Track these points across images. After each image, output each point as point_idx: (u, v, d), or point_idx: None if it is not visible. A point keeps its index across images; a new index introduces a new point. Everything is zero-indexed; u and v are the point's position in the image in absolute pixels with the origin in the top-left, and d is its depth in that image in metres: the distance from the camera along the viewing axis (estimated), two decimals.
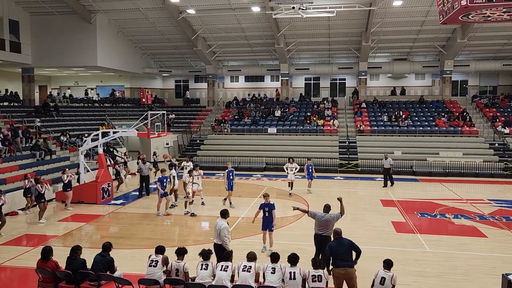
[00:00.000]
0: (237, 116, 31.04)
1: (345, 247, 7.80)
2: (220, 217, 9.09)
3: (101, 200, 16.60)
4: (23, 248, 11.35)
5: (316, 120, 29.25)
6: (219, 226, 8.86)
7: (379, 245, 11.29)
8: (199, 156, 26.29)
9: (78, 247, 8.07)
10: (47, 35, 26.97)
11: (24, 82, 28.78)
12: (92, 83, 36.57)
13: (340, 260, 7.66)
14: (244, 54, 33.45)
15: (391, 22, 27.02)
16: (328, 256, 7.86)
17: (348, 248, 7.81)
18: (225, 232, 8.80)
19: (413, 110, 30.25)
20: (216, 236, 8.89)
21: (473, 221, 14.07)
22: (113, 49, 29.04)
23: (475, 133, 26.78)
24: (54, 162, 20.36)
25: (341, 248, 7.78)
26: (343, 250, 7.75)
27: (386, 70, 32.85)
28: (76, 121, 27.87)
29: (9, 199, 14.54)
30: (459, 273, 9.62)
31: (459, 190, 19.47)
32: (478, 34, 27.66)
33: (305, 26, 27.98)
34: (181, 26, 27.78)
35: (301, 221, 14.18)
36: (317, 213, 9.58)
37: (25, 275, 9.42)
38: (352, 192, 19.66)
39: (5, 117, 22.56)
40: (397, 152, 25.05)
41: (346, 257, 7.71)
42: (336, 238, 8.08)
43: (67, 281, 7.76)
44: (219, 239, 8.83)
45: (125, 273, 8.15)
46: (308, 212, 9.79)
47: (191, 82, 37.80)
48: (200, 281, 7.43)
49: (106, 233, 13.17)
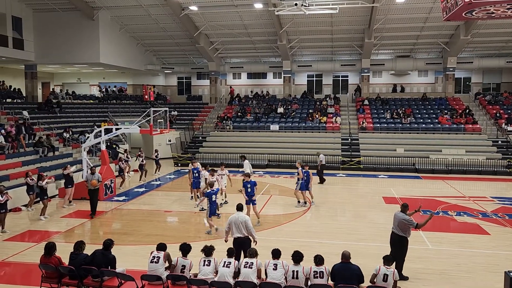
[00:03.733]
0: (240, 113, 31.03)
1: (350, 273, 7.14)
2: (237, 211, 9.22)
3: (104, 196, 16.65)
4: (27, 244, 11.42)
5: (319, 117, 29.22)
6: (242, 219, 8.96)
7: (381, 242, 11.26)
8: (202, 153, 26.31)
9: (81, 243, 8.10)
10: (50, 32, 27.00)
11: (27, 79, 28.84)
12: (94, 80, 36.64)
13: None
14: (246, 51, 33.40)
15: (394, 19, 26.91)
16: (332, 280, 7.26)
17: (353, 275, 7.11)
18: (250, 223, 9.00)
19: (416, 107, 30.17)
20: (237, 230, 8.95)
21: (476, 218, 14.04)
22: (116, 46, 29.05)
23: (478, 130, 26.69)
24: (57, 158, 20.41)
25: (346, 273, 7.15)
26: (348, 276, 7.11)
27: (389, 67, 32.75)
28: (78, 118, 27.93)
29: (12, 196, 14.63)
30: (461, 270, 9.62)
31: (462, 188, 19.43)
32: (482, 30, 27.53)
33: (308, 23, 27.91)
34: (183, 23, 27.76)
35: (304, 217, 14.21)
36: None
37: (29, 270, 9.47)
38: (354, 189, 19.64)
39: (8, 114, 22.62)
40: (400, 149, 25.01)
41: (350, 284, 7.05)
42: (343, 262, 7.31)
43: (70, 276, 7.79)
44: (241, 232, 8.91)
45: (127, 269, 8.19)
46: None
47: (194, 79, 37.79)
48: (202, 277, 7.45)
49: (109, 229, 13.22)
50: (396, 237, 8.98)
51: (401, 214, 8.98)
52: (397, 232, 8.97)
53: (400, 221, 8.89)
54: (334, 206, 16.05)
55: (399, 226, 8.91)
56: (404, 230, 8.89)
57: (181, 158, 26.03)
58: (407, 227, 8.88)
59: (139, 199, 16.97)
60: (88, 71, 35.05)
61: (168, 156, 27.21)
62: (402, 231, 8.90)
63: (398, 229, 8.93)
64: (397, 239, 8.97)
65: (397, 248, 8.93)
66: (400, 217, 8.91)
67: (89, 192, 14.51)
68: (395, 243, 9.02)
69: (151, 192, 18.30)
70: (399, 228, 8.92)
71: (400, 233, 8.92)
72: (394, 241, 9.04)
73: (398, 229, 8.93)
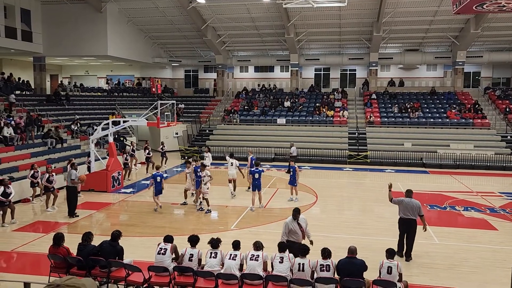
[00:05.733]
0: (247, 107, 31.00)
1: (354, 268, 7.19)
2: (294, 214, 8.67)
3: (111, 188, 16.78)
4: (35, 234, 11.55)
5: (326, 111, 29.10)
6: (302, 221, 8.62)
7: (388, 236, 11.25)
8: (208, 146, 26.29)
9: (89, 234, 8.19)
10: (58, 24, 27.07)
11: (35, 71, 28.99)
12: (102, 73, 36.76)
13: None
14: (253, 44, 33.29)
15: (403, 12, 26.62)
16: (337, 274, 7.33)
17: (358, 270, 7.17)
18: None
19: (424, 102, 29.92)
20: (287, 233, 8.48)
21: (484, 213, 13.96)
22: (123, 38, 29.08)
23: (487, 125, 26.44)
24: (65, 150, 20.58)
25: (351, 268, 7.18)
26: (353, 270, 7.15)
27: (397, 61, 32.46)
28: (86, 110, 28.08)
29: (21, 187, 14.82)
30: (469, 265, 9.59)
31: (470, 183, 19.30)
32: (492, 24, 27.15)
33: (316, 16, 27.71)
34: (191, 15, 27.70)
35: (310, 211, 14.22)
36: (404, 199, 9.97)
37: (38, 260, 9.60)
38: (361, 183, 19.59)
39: (17, 106, 22.80)
40: (407, 143, 24.87)
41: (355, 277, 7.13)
42: (348, 257, 7.37)
43: (79, 267, 7.88)
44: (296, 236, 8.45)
45: (134, 260, 8.26)
46: (392, 200, 10.15)
47: (201, 72, 37.75)
48: (209, 269, 7.50)
49: (116, 220, 13.33)
50: (414, 222, 9.76)
51: (415, 200, 9.87)
52: (414, 217, 9.74)
53: (419, 206, 9.77)
54: (341, 200, 16.04)
55: (416, 211, 9.73)
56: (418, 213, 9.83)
57: (188, 151, 26.10)
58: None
59: (146, 191, 17.07)
60: (96, 63, 35.16)
61: (175, 148, 27.30)
62: (418, 214, 9.78)
63: (416, 214, 9.74)
64: (415, 223, 9.76)
65: (414, 232, 9.79)
66: (418, 203, 9.84)
67: (71, 190, 13.32)
68: (413, 228, 9.79)
69: None
70: (415, 213, 9.73)
71: (416, 217, 9.76)
72: (413, 226, 9.79)
73: (416, 214, 9.74)
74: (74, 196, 13.50)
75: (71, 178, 13.33)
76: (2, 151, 17.42)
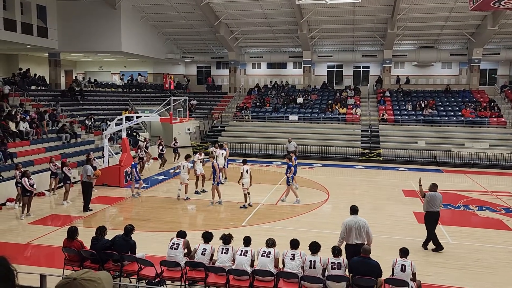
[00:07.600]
0: (259, 103, 30.97)
1: (368, 268, 7.02)
2: (353, 214, 8.30)
3: (124, 183, 16.94)
4: (50, 228, 11.74)
5: (338, 108, 28.92)
6: (363, 223, 8.04)
7: (400, 235, 11.18)
8: (220, 142, 26.37)
9: (103, 228, 8.28)
10: (73, 20, 27.34)
11: (50, 67, 29.36)
12: (116, 69, 37.05)
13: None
14: (266, 41, 33.20)
15: (418, 9, 26.26)
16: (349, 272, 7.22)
17: (372, 271, 6.98)
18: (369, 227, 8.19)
19: (438, 100, 29.53)
20: (355, 236, 8.02)
21: (499, 213, 13.75)
22: (137, 34, 29.26)
23: (503, 124, 25.99)
24: (79, 145, 20.83)
25: (364, 268, 7.02)
26: (366, 271, 6.99)
27: (412, 58, 32.07)
28: (100, 106, 28.36)
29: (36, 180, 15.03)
30: (482, 265, 9.46)
31: (485, 182, 19.02)
32: (510, 21, 26.62)
33: (329, 13, 27.50)
34: (204, 12, 27.73)
35: (322, 208, 14.18)
36: (436, 193, 10.37)
37: (52, 253, 9.75)
38: (373, 181, 19.45)
39: (33, 101, 23.13)
40: (421, 142, 24.59)
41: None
42: (362, 257, 7.18)
43: (92, 260, 7.99)
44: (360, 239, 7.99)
45: (147, 255, 8.34)
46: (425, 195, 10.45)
47: (213, 69, 37.81)
48: (220, 264, 7.54)
49: (129, 215, 13.46)
50: (438, 215, 10.19)
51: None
52: (438, 210, 10.15)
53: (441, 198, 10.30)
54: (353, 197, 15.95)
55: (441, 202, 10.24)
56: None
57: (200, 147, 26.20)
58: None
59: (158, 187, 17.20)
60: (109, 59, 35.44)
61: (187, 144, 27.44)
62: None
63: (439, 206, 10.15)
64: (438, 216, 10.17)
65: (436, 224, 10.22)
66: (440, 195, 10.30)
67: (86, 185, 13.36)
68: (437, 220, 10.23)
69: (170, 180, 18.50)
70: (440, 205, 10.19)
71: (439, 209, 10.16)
72: (437, 218, 10.23)
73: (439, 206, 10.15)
74: (89, 191, 13.64)
75: (87, 174, 13.43)
76: (18, 145, 17.73)
